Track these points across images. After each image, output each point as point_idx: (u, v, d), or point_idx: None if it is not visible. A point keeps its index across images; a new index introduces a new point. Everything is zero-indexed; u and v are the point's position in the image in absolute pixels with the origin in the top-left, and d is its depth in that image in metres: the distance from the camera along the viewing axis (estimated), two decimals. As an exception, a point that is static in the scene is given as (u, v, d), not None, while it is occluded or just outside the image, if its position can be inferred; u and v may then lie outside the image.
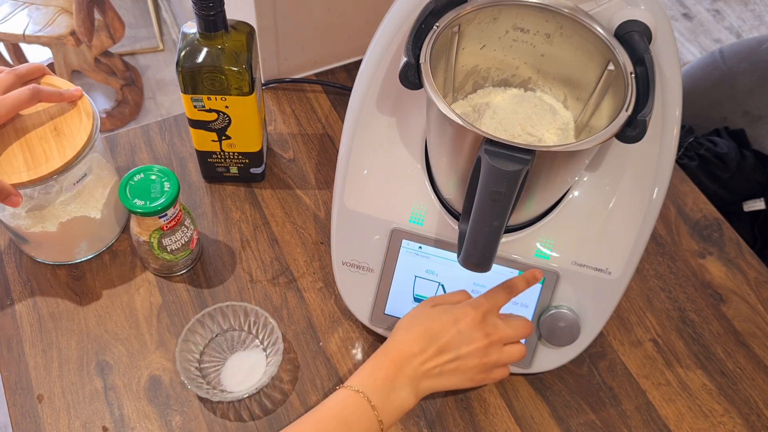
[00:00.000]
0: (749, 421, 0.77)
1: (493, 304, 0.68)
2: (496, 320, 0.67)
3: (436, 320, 0.66)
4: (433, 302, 0.69)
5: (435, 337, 0.65)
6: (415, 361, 0.64)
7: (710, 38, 2.43)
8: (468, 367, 0.66)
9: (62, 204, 0.76)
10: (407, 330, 0.66)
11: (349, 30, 1.02)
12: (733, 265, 0.88)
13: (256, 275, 0.84)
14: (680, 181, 0.95)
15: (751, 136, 1.30)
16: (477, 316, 0.66)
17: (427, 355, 0.64)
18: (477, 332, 0.66)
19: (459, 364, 0.65)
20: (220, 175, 0.89)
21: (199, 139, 0.84)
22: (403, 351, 0.65)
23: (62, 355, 0.77)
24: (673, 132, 0.68)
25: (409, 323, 0.67)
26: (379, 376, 0.64)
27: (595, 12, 0.64)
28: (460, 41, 0.67)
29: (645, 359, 0.81)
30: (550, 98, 0.72)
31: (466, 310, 0.66)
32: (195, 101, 0.78)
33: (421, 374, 0.64)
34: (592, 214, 0.71)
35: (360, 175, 0.74)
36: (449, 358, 0.65)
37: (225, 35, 0.75)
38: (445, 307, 0.68)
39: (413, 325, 0.66)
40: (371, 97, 0.71)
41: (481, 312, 0.66)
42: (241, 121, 0.81)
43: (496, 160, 0.55)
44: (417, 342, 0.65)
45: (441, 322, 0.66)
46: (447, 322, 0.66)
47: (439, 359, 0.65)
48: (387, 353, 0.65)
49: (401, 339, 0.66)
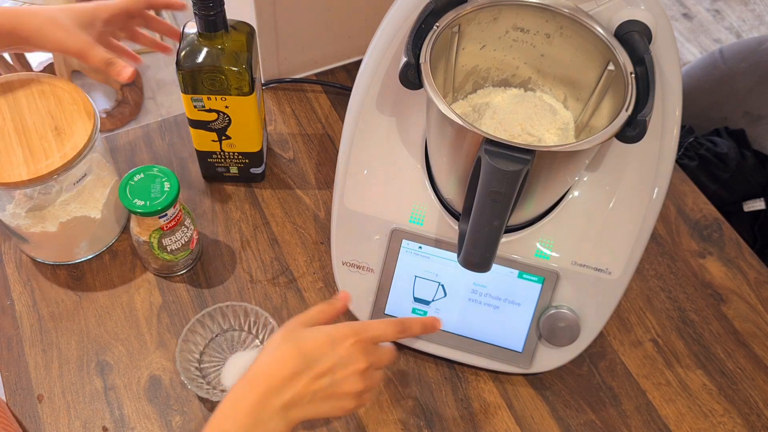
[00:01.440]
0: (749, 421, 0.77)
1: (379, 335, 0.61)
2: (374, 346, 0.61)
3: (310, 340, 0.58)
4: (302, 321, 0.61)
5: (310, 360, 0.57)
6: (285, 389, 0.56)
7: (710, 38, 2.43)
8: (343, 392, 0.58)
9: (62, 204, 0.76)
10: (276, 350, 0.58)
11: (349, 30, 1.02)
12: (733, 265, 0.88)
13: (256, 275, 0.84)
14: (680, 181, 0.95)
15: (751, 136, 1.30)
16: (359, 340, 0.59)
17: (301, 380, 0.56)
18: (358, 354, 0.59)
19: (334, 390, 0.58)
20: (220, 175, 0.90)
21: (199, 139, 0.84)
22: (272, 377, 0.56)
23: (62, 355, 0.77)
24: (673, 132, 0.68)
25: (279, 344, 0.58)
26: (242, 411, 0.55)
27: (595, 12, 0.64)
28: (460, 41, 0.67)
29: (645, 359, 0.81)
30: (550, 98, 0.72)
31: (344, 331, 0.59)
32: (195, 101, 0.78)
33: (292, 403, 0.56)
34: (592, 214, 0.71)
35: (360, 175, 0.74)
36: (324, 385, 0.57)
37: (225, 35, 0.75)
38: (320, 327, 0.60)
39: (283, 346, 0.58)
40: (371, 97, 0.71)
41: (364, 337, 0.60)
42: (241, 121, 0.81)
43: (496, 160, 0.55)
44: (288, 365, 0.56)
45: (316, 342, 0.58)
46: (323, 343, 0.58)
47: (312, 385, 0.57)
48: (252, 383, 0.56)
49: (269, 362, 0.57)
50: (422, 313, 0.76)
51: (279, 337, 0.59)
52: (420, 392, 0.77)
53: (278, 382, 0.56)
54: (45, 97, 0.76)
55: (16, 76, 0.77)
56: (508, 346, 0.76)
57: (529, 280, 0.73)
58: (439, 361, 0.79)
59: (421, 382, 0.78)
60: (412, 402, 0.76)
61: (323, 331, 0.59)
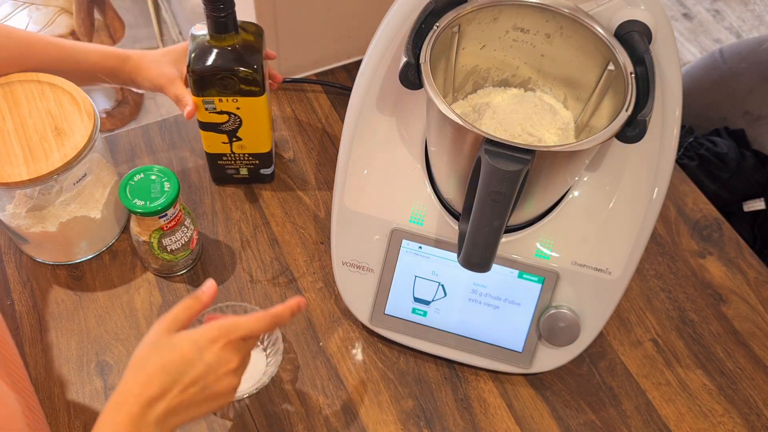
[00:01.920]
0: (749, 421, 0.77)
1: (249, 333, 0.60)
2: (245, 342, 0.60)
3: (175, 352, 0.56)
4: (168, 325, 0.58)
5: (177, 374, 0.56)
6: (156, 406, 0.55)
7: (710, 38, 2.43)
8: (218, 393, 0.58)
9: (62, 204, 0.76)
10: (141, 370, 0.56)
11: (349, 30, 1.02)
12: (733, 265, 0.88)
13: (256, 275, 0.84)
14: (680, 181, 0.95)
15: (751, 136, 1.30)
16: (228, 342, 0.58)
17: (171, 395, 0.55)
18: (228, 355, 0.58)
19: (208, 393, 0.57)
20: (230, 177, 0.89)
21: (210, 141, 0.83)
22: (141, 397, 0.54)
23: (62, 355, 0.77)
24: (673, 132, 0.68)
25: (144, 361, 0.56)
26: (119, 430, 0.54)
27: (595, 12, 0.64)
28: (460, 41, 0.67)
29: (645, 359, 0.81)
30: (550, 98, 0.72)
31: (212, 335, 0.58)
32: (206, 104, 0.78)
33: (167, 415, 0.55)
34: (592, 214, 0.71)
35: (360, 175, 0.74)
36: (196, 392, 0.56)
37: (235, 36, 0.75)
38: (185, 334, 0.58)
39: (148, 362, 0.56)
40: (371, 97, 0.71)
41: (233, 338, 0.58)
42: (252, 121, 0.81)
43: (496, 160, 0.55)
44: (155, 384, 0.55)
45: (181, 352, 0.56)
46: (189, 353, 0.56)
47: (185, 395, 0.56)
48: (120, 407, 0.54)
49: (135, 383, 0.55)
50: (422, 313, 0.76)
51: (144, 349, 0.57)
52: (420, 392, 0.77)
53: (148, 401, 0.54)
54: (45, 97, 0.76)
55: (16, 76, 0.77)
56: (508, 346, 0.76)
57: (529, 280, 0.73)
58: (439, 361, 0.79)
59: (421, 382, 0.78)
60: (412, 402, 0.76)
61: (189, 338, 0.57)
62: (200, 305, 0.61)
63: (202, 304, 0.61)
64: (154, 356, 0.56)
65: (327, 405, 0.76)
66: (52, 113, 0.75)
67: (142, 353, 0.57)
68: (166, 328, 0.58)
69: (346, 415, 0.75)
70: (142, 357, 0.57)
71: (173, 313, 0.59)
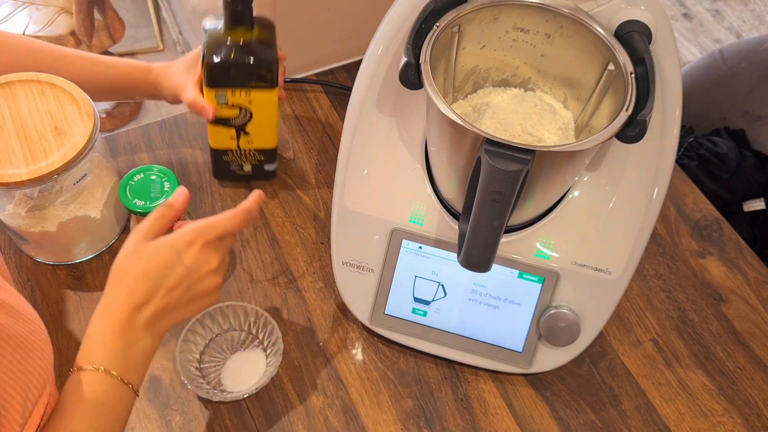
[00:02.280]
0: (749, 421, 0.77)
1: (225, 232, 0.61)
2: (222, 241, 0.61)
3: (155, 258, 0.58)
4: (144, 234, 0.60)
5: (159, 278, 0.57)
6: (143, 311, 0.57)
7: (710, 38, 2.43)
8: (202, 293, 0.60)
9: (62, 204, 0.76)
10: (123, 280, 0.58)
11: (349, 30, 1.02)
12: (733, 265, 0.88)
13: (256, 275, 0.84)
14: (680, 181, 0.95)
15: (751, 136, 1.30)
16: (205, 243, 0.60)
17: (156, 300, 0.57)
18: (207, 256, 0.60)
19: (192, 294, 0.59)
20: (233, 174, 0.89)
21: (217, 135, 0.83)
22: (127, 305, 0.57)
23: (62, 355, 0.77)
24: (673, 132, 0.68)
25: (124, 270, 0.58)
26: (109, 343, 0.56)
27: (595, 12, 0.64)
28: (460, 41, 0.67)
29: (645, 359, 0.81)
30: (550, 98, 0.72)
31: (189, 237, 0.59)
32: (219, 97, 0.78)
33: (154, 318, 0.58)
34: (592, 214, 0.71)
35: (360, 175, 0.74)
36: (180, 294, 0.58)
37: (250, 30, 0.75)
38: (162, 240, 0.59)
39: (129, 272, 0.58)
40: (371, 97, 0.71)
41: (210, 238, 0.60)
42: (263, 116, 0.81)
43: (496, 160, 0.55)
44: (139, 291, 0.57)
45: (161, 258, 0.58)
46: (169, 257, 0.58)
47: (169, 298, 0.58)
48: (108, 315, 0.57)
49: (120, 292, 0.57)
50: (422, 313, 0.76)
51: (123, 259, 0.58)
52: (420, 392, 0.77)
53: (135, 307, 0.57)
54: (45, 97, 0.76)
55: (15, 76, 0.77)
56: (508, 346, 0.76)
57: (529, 280, 0.73)
58: (439, 361, 0.79)
59: (421, 382, 0.78)
60: (412, 402, 0.76)
61: (167, 243, 0.59)
62: (174, 212, 0.62)
63: (175, 211, 0.62)
64: (135, 265, 0.58)
65: (327, 405, 0.76)
66: (52, 113, 0.75)
67: (122, 263, 0.58)
68: (142, 237, 0.59)
69: (346, 415, 0.75)
70: (122, 267, 0.58)
71: (148, 223, 0.60)
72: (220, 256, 0.61)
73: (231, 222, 0.62)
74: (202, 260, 0.59)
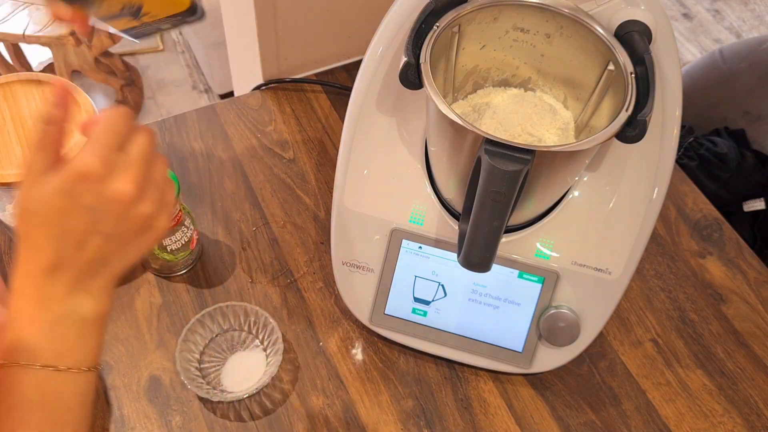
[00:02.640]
0: (749, 421, 0.77)
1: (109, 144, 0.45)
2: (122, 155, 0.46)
3: (44, 211, 0.45)
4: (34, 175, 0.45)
5: (60, 234, 0.45)
6: (59, 277, 0.46)
7: (710, 38, 2.43)
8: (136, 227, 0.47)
9: (62, 204, 0.76)
10: (25, 244, 0.47)
11: (349, 30, 1.02)
12: (733, 265, 0.88)
13: (256, 275, 0.84)
14: (680, 181, 0.95)
15: (751, 136, 1.30)
16: (102, 170, 0.45)
17: (69, 258, 0.46)
18: (116, 183, 0.45)
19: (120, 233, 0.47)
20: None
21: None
22: (35, 276, 0.46)
23: (62, 355, 0.77)
24: (673, 132, 0.68)
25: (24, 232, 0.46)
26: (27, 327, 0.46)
27: (595, 12, 0.64)
28: (460, 41, 0.67)
29: (645, 359, 0.81)
30: (550, 98, 0.72)
31: (78, 168, 0.44)
32: None
33: (80, 278, 0.47)
34: (592, 214, 0.71)
35: (360, 175, 0.74)
36: (101, 240, 0.46)
37: None
38: (47, 185, 0.45)
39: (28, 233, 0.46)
40: (371, 97, 0.71)
41: (100, 158, 0.45)
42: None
43: (496, 160, 0.55)
44: (43, 254, 0.46)
45: (52, 208, 0.45)
46: (60, 204, 0.45)
47: (88, 251, 0.46)
48: (21, 295, 0.47)
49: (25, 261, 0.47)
50: (422, 313, 0.76)
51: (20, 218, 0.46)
52: (420, 392, 0.77)
53: (44, 274, 0.46)
54: (45, 97, 0.76)
55: (15, 76, 0.77)
56: (508, 346, 0.76)
57: (529, 280, 0.73)
58: (439, 361, 0.79)
59: (421, 382, 0.78)
60: (412, 402, 0.76)
61: (52, 189, 0.45)
62: (56, 126, 0.47)
63: (57, 121, 0.47)
64: (29, 224, 0.46)
65: (327, 405, 0.76)
66: (52, 113, 0.75)
67: (19, 223, 0.47)
68: (32, 180, 0.46)
69: (346, 415, 0.75)
70: (21, 228, 0.47)
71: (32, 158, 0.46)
72: (132, 177, 0.46)
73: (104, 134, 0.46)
74: (107, 193, 0.45)
